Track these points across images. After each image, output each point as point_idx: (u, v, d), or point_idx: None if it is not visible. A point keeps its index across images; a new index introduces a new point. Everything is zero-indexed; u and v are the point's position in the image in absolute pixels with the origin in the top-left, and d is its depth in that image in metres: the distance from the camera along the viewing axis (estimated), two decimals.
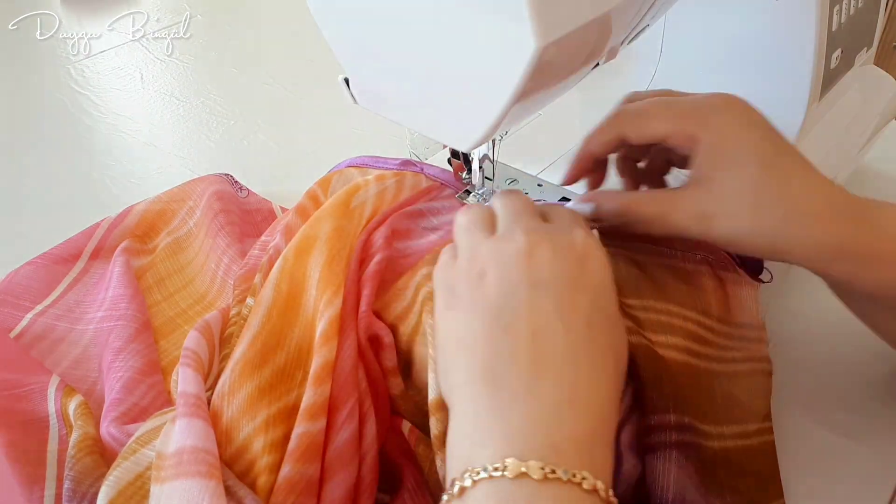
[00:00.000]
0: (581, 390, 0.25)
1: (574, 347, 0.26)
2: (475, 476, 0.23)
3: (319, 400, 0.32)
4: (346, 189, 0.41)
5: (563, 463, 0.23)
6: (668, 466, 0.31)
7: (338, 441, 0.32)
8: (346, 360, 0.34)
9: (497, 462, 0.23)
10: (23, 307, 0.46)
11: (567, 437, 0.24)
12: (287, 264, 0.37)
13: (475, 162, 0.41)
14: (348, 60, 0.35)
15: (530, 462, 0.23)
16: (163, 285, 0.49)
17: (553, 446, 0.24)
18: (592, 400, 0.25)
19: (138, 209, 0.54)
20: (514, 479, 0.23)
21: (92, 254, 0.51)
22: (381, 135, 0.68)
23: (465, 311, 0.28)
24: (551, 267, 0.28)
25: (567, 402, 0.25)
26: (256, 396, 0.32)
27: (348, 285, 0.36)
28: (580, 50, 0.31)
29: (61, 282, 0.49)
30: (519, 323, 0.27)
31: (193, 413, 0.31)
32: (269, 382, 0.33)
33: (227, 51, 0.91)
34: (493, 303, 0.27)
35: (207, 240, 0.50)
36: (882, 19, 0.54)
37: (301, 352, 0.34)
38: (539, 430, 0.24)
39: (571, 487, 0.23)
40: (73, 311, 0.47)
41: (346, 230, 0.39)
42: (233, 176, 0.58)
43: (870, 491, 0.37)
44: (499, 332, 0.27)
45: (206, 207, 0.52)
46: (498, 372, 0.26)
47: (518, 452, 0.23)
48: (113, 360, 0.41)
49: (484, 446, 0.24)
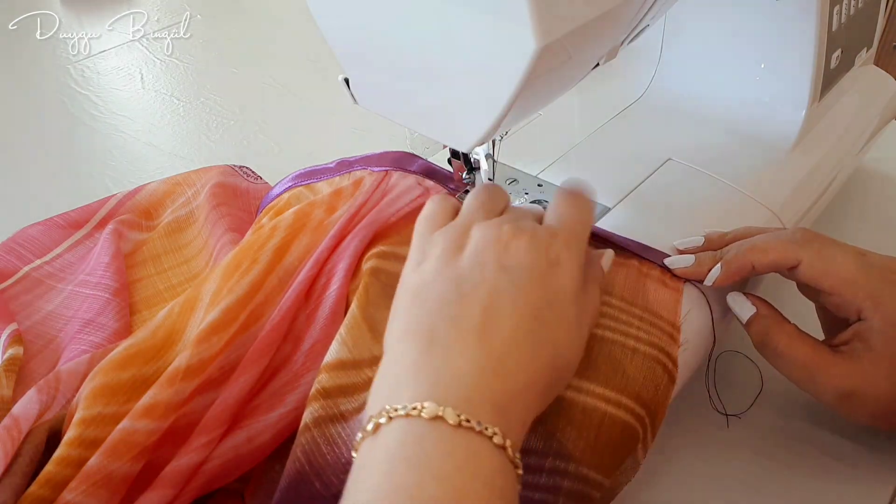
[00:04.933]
0: (508, 365, 0.27)
1: (514, 330, 0.27)
2: (392, 413, 0.25)
3: (151, 403, 0.32)
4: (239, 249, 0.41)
5: (478, 417, 0.25)
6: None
7: (181, 462, 0.32)
8: (239, 392, 0.34)
9: (416, 403, 0.24)
10: (25, 259, 0.49)
11: (485, 397, 0.25)
12: (172, 314, 0.38)
13: (482, 161, 0.41)
14: (348, 60, 0.35)
15: (447, 408, 0.24)
16: (158, 261, 0.50)
17: (469, 400, 0.25)
18: (517, 378, 0.27)
19: (150, 188, 0.56)
20: (429, 421, 0.24)
21: (99, 223, 0.53)
22: (381, 135, 0.68)
23: (431, 273, 0.30)
24: (523, 258, 0.29)
25: (492, 371, 0.26)
26: (102, 392, 0.33)
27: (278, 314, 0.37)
28: (580, 50, 0.31)
29: (63, 243, 0.51)
30: (475, 294, 0.28)
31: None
32: (121, 385, 0.34)
33: (227, 51, 0.91)
34: (460, 272, 0.29)
35: (207, 225, 0.51)
36: (882, 19, 0.54)
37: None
38: (461, 384, 0.26)
39: (482, 439, 0.24)
40: (63, 272, 0.49)
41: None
42: (249, 168, 0.58)
43: (870, 491, 0.37)
44: (454, 296, 0.28)
45: (208, 194, 0.53)
46: (438, 329, 0.27)
47: (437, 399, 0.25)
48: (79, 332, 0.42)
49: (405, 387, 0.26)
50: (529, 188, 0.46)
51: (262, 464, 0.34)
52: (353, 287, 0.39)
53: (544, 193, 0.45)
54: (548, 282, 0.29)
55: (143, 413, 0.32)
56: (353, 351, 0.34)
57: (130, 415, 0.32)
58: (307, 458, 0.31)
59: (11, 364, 0.39)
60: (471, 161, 0.41)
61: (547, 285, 0.29)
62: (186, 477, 0.32)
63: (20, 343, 0.41)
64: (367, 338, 0.35)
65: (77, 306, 0.45)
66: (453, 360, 0.26)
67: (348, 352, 0.34)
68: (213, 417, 0.33)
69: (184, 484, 0.32)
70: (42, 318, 0.45)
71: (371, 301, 0.37)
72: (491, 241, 0.30)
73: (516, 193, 0.45)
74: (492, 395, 0.26)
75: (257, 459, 0.34)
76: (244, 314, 0.36)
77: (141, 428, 0.32)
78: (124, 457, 0.31)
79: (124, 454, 0.31)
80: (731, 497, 0.37)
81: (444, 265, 0.30)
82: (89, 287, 0.46)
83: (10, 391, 0.38)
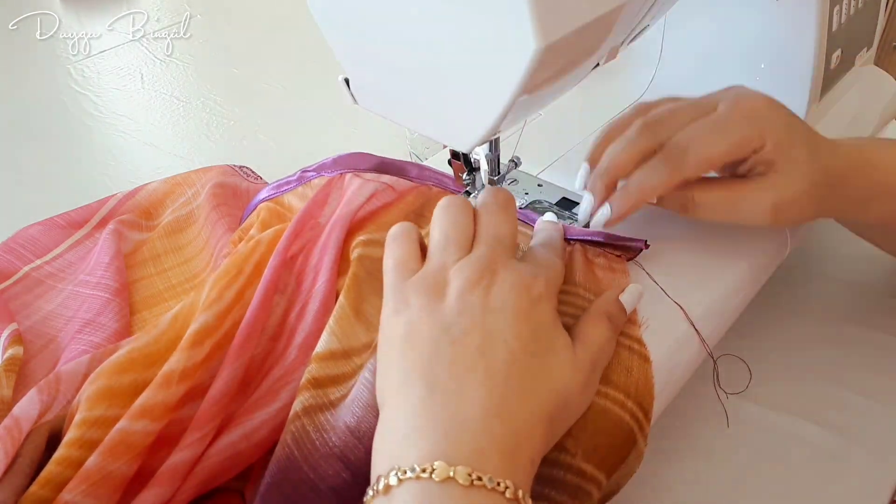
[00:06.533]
0: (510, 405, 0.27)
1: (510, 368, 0.28)
2: (402, 475, 0.24)
3: (150, 403, 0.32)
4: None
5: (488, 469, 0.24)
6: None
7: (175, 458, 0.32)
8: (224, 385, 0.34)
9: (425, 463, 0.24)
10: (25, 259, 0.49)
11: (492, 444, 0.25)
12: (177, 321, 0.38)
13: (482, 162, 0.41)
14: (348, 60, 0.35)
15: (458, 467, 0.24)
16: (158, 261, 0.50)
17: (479, 451, 0.25)
18: (519, 416, 0.27)
19: (150, 187, 0.56)
20: (441, 483, 0.24)
21: (99, 223, 0.53)
22: (381, 135, 0.68)
23: (416, 317, 0.29)
24: (507, 297, 0.30)
25: (495, 413, 0.26)
26: (103, 394, 0.33)
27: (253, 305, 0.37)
28: (580, 51, 0.31)
29: (63, 243, 0.52)
30: (468, 338, 0.28)
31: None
32: (122, 388, 0.34)
33: (227, 51, 0.91)
34: (446, 318, 0.29)
35: (207, 225, 0.51)
36: (882, 19, 0.54)
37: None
38: (466, 433, 0.25)
39: (495, 495, 0.24)
40: (64, 272, 0.49)
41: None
42: (249, 168, 0.59)
43: (870, 491, 0.37)
44: (445, 341, 0.28)
45: (208, 195, 0.54)
46: (436, 375, 0.27)
47: (445, 455, 0.25)
48: (79, 332, 0.42)
49: (412, 445, 0.25)
50: (529, 188, 0.46)
51: (261, 461, 0.34)
52: (343, 278, 0.39)
53: (544, 193, 0.45)
54: (532, 317, 0.30)
55: (140, 413, 0.32)
56: (343, 340, 0.35)
57: (128, 415, 0.32)
58: (296, 445, 0.31)
59: (11, 364, 0.40)
60: (471, 161, 0.41)
61: (531, 320, 0.29)
62: (182, 474, 0.32)
63: (20, 343, 0.41)
64: (355, 325, 0.36)
65: (77, 306, 0.45)
66: (456, 405, 0.26)
67: (338, 341, 0.35)
68: (203, 412, 0.33)
69: (180, 481, 0.32)
70: (42, 318, 0.45)
71: (358, 289, 0.37)
72: (472, 283, 0.30)
73: (516, 194, 0.45)
74: (499, 440, 0.26)
75: (256, 456, 0.34)
76: (228, 322, 0.37)
77: (139, 429, 0.32)
78: (123, 457, 0.31)
79: (123, 455, 0.31)
80: (731, 497, 0.37)
81: (428, 313, 0.29)
82: (89, 287, 0.46)
83: (9, 391, 0.38)
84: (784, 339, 0.45)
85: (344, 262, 0.40)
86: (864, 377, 0.42)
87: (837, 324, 0.46)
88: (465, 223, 0.33)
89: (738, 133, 0.35)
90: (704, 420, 0.40)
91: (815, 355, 0.44)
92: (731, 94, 0.37)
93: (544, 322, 0.30)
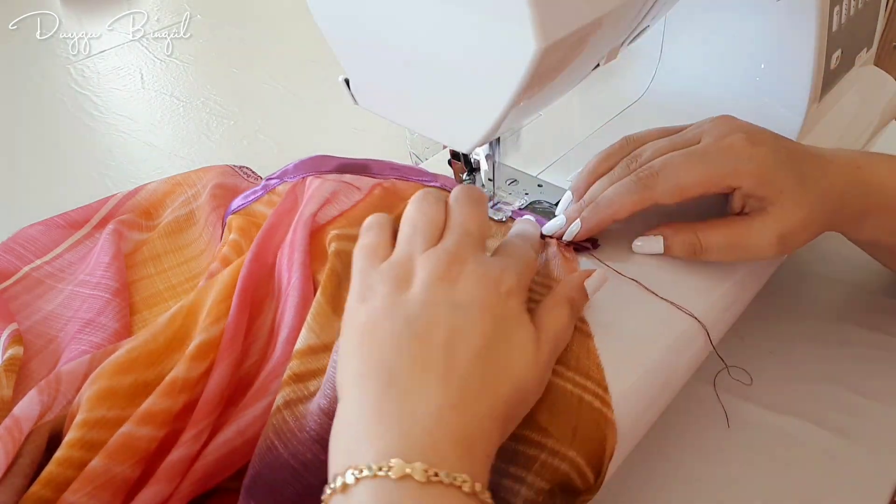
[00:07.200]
0: (468, 400, 0.27)
1: (472, 363, 0.27)
2: (358, 474, 0.24)
3: (154, 410, 0.33)
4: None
5: (445, 464, 0.25)
6: None
7: (174, 456, 0.32)
8: (216, 384, 0.35)
9: (381, 461, 0.24)
10: (25, 259, 0.49)
11: (448, 438, 0.25)
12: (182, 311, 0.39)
13: (482, 162, 0.41)
14: (348, 60, 0.35)
15: (415, 464, 0.24)
16: (158, 261, 0.50)
17: (434, 446, 0.25)
18: (477, 411, 0.27)
19: (150, 187, 0.56)
20: (398, 480, 0.24)
21: (98, 223, 0.53)
22: (381, 135, 0.68)
23: (380, 310, 0.29)
24: (473, 293, 0.29)
25: (450, 406, 0.26)
26: (104, 395, 0.33)
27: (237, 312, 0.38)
28: (580, 51, 0.31)
29: (63, 243, 0.52)
30: (433, 334, 0.28)
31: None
32: (123, 389, 0.34)
33: (227, 51, 0.91)
34: (410, 311, 0.29)
35: (208, 227, 0.51)
36: (882, 19, 0.54)
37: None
38: (422, 429, 0.25)
39: (452, 490, 0.24)
40: (64, 272, 0.49)
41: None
42: (249, 168, 0.59)
43: (870, 491, 0.37)
44: (407, 335, 0.28)
45: (209, 196, 0.54)
46: (394, 370, 0.27)
47: (401, 451, 0.24)
48: (79, 332, 0.42)
49: (368, 442, 0.25)
50: (529, 188, 0.46)
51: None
52: (320, 273, 0.40)
53: (544, 194, 0.45)
54: (498, 313, 0.29)
55: (144, 419, 0.33)
56: (321, 335, 0.35)
57: (132, 420, 0.32)
58: (277, 436, 0.31)
59: (11, 364, 0.40)
60: (471, 162, 0.41)
61: (498, 316, 0.29)
62: (180, 471, 0.32)
63: (20, 343, 0.41)
64: (332, 319, 0.36)
65: (77, 306, 0.45)
66: (413, 402, 0.26)
67: (316, 337, 0.35)
68: (199, 409, 0.34)
69: (179, 478, 0.32)
70: (42, 318, 0.45)
71: (336, 283, 0.38)
72: (438, 277, 0.30)
73: (516, 194, 0.45)
74: (455, 432, 0.26)
75: (251, 453, 0.34)
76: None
77: (144, 434, 0.32)
78: (127, 461, 0.31)
79: (127, 458, 0.31)
80: (730, 497, 0.37)
81: (391, 303, 0.29)
82: (89, 287, 0.46)
83: (10, 391, 0.38)
84: (784, 340, 0.45)
85: (322, 257, 0.41)
86: (864, 377, 0.42)
87: (837, 324, 0.46)
88: (435, 215, 0.33)
89: (713, 168, 0.36)
90: (704, 420, 0.40)
91: (815, 355, 0.44)
92: (714, 130, 0.37)
93: (510, 317, 0.30)
